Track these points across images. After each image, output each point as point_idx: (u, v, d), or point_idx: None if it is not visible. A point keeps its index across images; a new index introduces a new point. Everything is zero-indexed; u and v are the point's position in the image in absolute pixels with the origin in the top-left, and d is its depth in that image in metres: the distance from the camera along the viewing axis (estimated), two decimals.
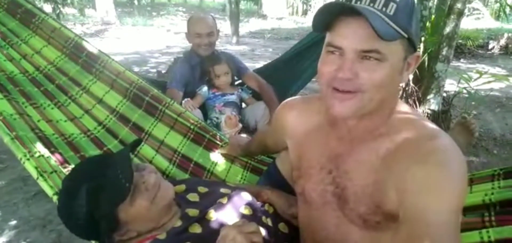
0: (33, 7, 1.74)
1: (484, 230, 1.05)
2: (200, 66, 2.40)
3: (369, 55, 0.71)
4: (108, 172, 0.97)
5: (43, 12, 1.77)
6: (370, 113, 0.80)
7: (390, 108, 0.83)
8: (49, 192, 1.16)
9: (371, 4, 0.71)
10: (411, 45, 0.76)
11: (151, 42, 9.46)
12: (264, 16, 16.06)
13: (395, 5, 0.71)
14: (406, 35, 0.72)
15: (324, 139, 0.92)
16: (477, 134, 1.58)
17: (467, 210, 1.13)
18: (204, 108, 2.37)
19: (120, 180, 0.94)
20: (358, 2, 0.72)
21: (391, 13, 0.70)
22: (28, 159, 1.20)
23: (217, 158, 1.59)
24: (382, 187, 0.79)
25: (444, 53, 3.04)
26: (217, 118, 2.28)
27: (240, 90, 2.46)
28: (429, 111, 3.17)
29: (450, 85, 3.71)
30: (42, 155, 1.26)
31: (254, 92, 2.54)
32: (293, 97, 1.09)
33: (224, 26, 11.88)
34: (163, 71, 3.38)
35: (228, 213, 1.06)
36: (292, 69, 2.67)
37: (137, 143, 1.16)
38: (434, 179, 0.69)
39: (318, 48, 2.03)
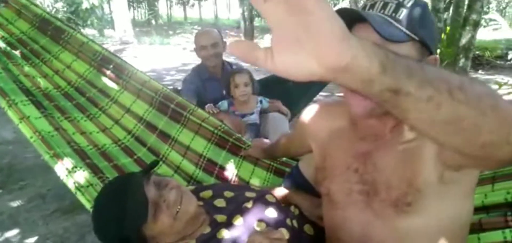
0: (62, 24, 1.82)
1: (507, 230, 1.03)
2: (217, 81, 2.46)
3: None
4: (128, 197, 1.00)
5: (71, 27, 1.84)
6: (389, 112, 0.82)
7: None
8: (87, 205, 1.23)
9: (382, 11, 0.76)
10: (426, 48, 0.79)
11: (167, 60, 9.62)
12: None
13: (405, 10, 0.75)
14: (416, 38, 0.75)
15: (348, 141, 0.95)
16: None
17: (489, 208, 1.11)
18: None
19: (139, 204, 0.97)
20: (370, 10, 0.78)
21: (400, 17, 0.75)
22: (66, 175, 1.28)
23: (240, 161, 1.63)
24: (415, 155, 0.81)
25: (461, 64, 2.99)
26: None
27: (259, 104, 2.40)
28: None
29: None
30: (79, 169, 1.33)
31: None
32: (316, 103, 1.13)
33: None
34: (179, 88, 3.45)
35: (254, 217, 1.09)
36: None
37: (154, 164, 1.18)
38: None
39: None
